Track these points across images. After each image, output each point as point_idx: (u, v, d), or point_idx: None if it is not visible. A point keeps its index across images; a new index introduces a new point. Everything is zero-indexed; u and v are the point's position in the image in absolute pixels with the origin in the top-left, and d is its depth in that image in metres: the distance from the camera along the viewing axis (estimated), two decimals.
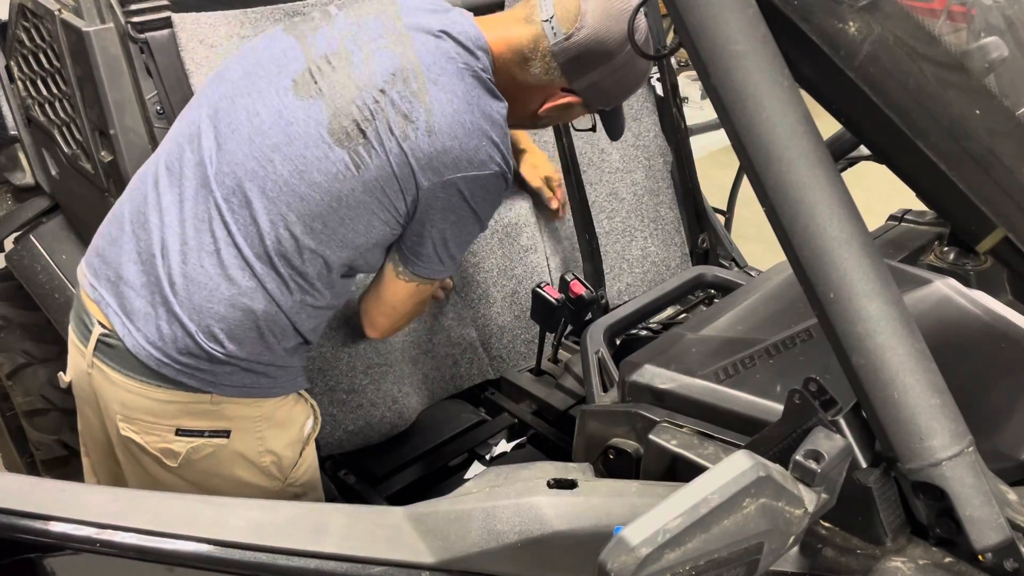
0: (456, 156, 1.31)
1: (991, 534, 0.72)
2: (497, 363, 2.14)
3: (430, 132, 1.29)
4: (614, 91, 1.46)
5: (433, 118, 1.30)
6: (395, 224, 1.36)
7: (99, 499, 0.86)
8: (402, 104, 1.29)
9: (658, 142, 2.46)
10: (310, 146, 1.29)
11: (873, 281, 0.75)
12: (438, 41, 1.35)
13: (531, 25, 1.40)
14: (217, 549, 0.82)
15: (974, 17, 1.32)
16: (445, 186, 1.33)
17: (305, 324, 1.41)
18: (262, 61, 1.38)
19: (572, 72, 1.40)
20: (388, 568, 0.83)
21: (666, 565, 0.62)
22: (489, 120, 1.35)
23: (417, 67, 1.32)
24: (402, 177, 1.31)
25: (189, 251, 1.31)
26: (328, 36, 1.37)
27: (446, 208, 1.36)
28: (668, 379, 1.01)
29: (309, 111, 1.30)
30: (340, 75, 1.31)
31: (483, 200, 1.39)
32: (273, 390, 1.44)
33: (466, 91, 1.33)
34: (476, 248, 2.07)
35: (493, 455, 1.88)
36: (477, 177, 1.34)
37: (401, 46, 1.33)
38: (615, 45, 1.38)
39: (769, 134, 0.76)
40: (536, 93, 1.45)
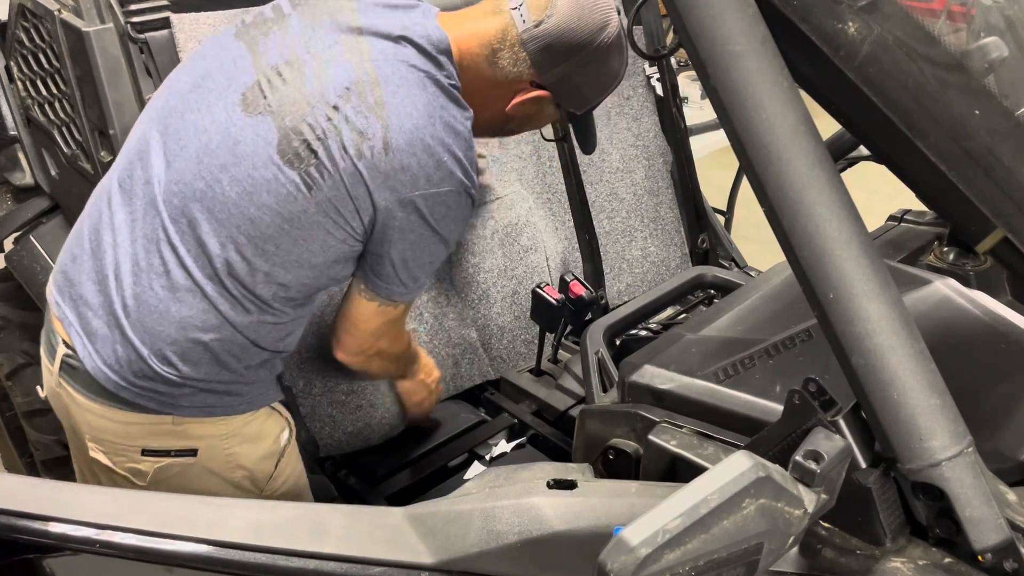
0: (414, 173, 1.25)
1: (991, 534, 0.72)
2: (497, 363, 2.14)
3: (387, 149, 1.23)
4: (586, 88, 1.40)
5: (390, 134, 1.23)
6: (353, 241, 1.30)
7: (99, 499, 0.86)
8: (357, 120, 1.22)
9: (658, 142, 2.46)
10: (259, 167, 1.23)
11: (873, 281, 0.75)
12: (397, 47, 1.28)
13: (499, 16, 1.34)
14: (216, 550, 0.82)
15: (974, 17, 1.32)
16: (403, 204, 1.26)
17: (268, 340, 1.36)
18: (212, 72, 1.31)
19: (542, 63, 1.33)
20: (388, 568, 0.83)
21: (666, 565, 0.62)
22: (452, 133, 1.27)
23: (374, 78, 1.24)
24: (357, 196, 1.24)
25: (140, 272, 1.27)
26: (280, 43, 1.30)
27: (405, 227, 1.30)
28: (668, 379, 1.01)
29: (257, 129, 1.23)
30: (291, 89, 1.24)
31: (444, 218, 1.31)
32: (239, 407, 1.40)
33: (427, 102, 1.26)
34: (476, 248, 2.07)
35: (493, 455, 1.88)
36: (437, 195, 1.27)
37: (356, 54, 1.26)
38: (586, 35, 1.32)
39: (769, 134, 0.76)
40: (505, 89, 1.37)
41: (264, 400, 1.44)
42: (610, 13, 1.34)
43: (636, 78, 2.43)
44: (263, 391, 1.43)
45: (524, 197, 2.20)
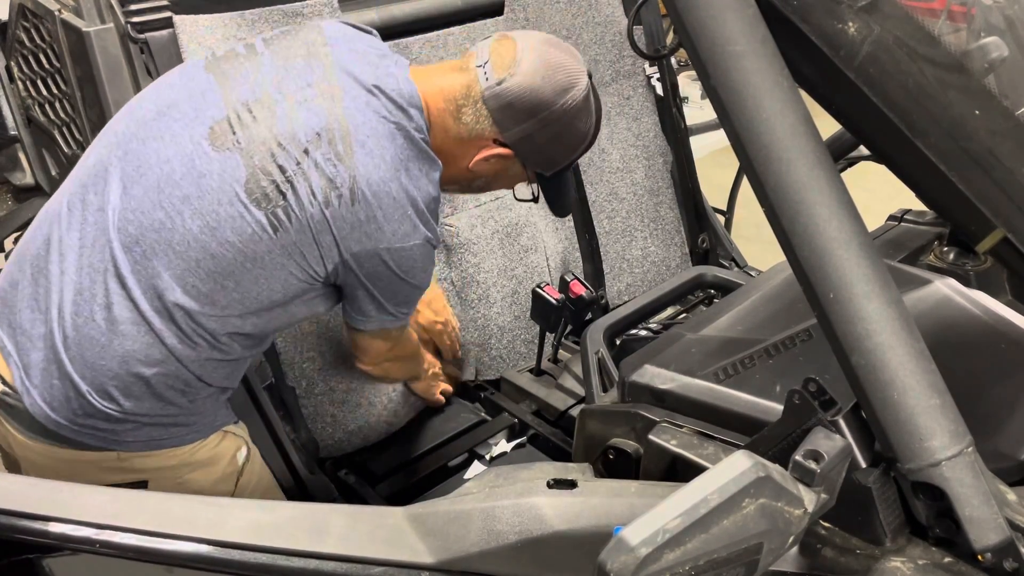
0: (379, 226, 1.25)
1: (990, 534, 0.72)
2: (497, 363, 2.14)
3: (354, 199, 1.23)
4: (550, 149, 1.38)
5: (358, 184, 1.22)
6: (316, 283, 1.30)
7: (98, 499, 0.86)
8: (326, 167, 1.22)
9: (658, 142, 2.46)
10: (224, 203, 1.20)
11: (873, 281, 0.75)
12: (370, 97, 1.27)
13: (465, 72, 1.34)
14: (216, 550, 0.82)
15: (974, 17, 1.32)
16: (368, 256, 1.27)
17: (215, 376, 1.33)
18: (178, 101, 1.27)
19: (503, 121, 1.33)
20: (388, 568, 0.83)
21: (666, 565, 0.62)
22: (417, 187, 1.28)
23: (345, 127, 1.24)
24: (323, 244, 1.24)
25: (83, 303, 1.22)
26: (251, 79, 1.28)
27: (371, 276, 1.31)
28: (668, 379, 1.01)
29: (225, 165, 1.21)
30: (261, 128, 1.23)
31: (412, 269, 1.34)
32: (188, 437, 1.36)
33: (395, 155, 1.26)
34: (476, 248, 2.08)
35: (493, 455, 1.88)
36: (401, 249, 1.29)
37: (330, 100, 1.25)
38: (549, 96, 1.31)
39: (769, 134, 0.76)
40: (468, 145, 1.37)
41: (214, 427, 1.41)
42: (577, 76, 1.33)
43: (636, 78, 2.43)
44: (212, 419, 1.40)
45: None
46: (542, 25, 2.24)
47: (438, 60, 2.06)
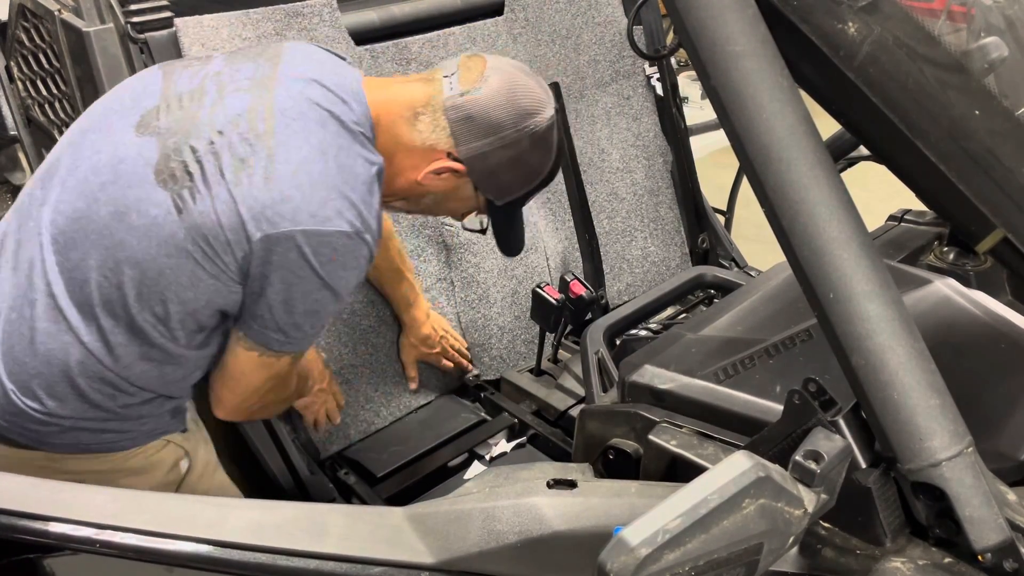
0: (296, 206, 1.15)
1: (991, 534, 0.72)
2: (497, 363, 2.14)
3: (267, 178, 1.14)
4: (504, 175, 1.33)
5: (275, 164, 1.15)
6: (228, 280, 1.19)
7: (98, 499, 0.86)
8: (240, 147, 1.15)
9: (658, 142, 2.46)
10: (133, 186, 1.15)
11: (872, 282, 0.75)
12: (305, 86, 1.22)
13: (431, 83, 1.30)
14: (216, 550, 0.82)
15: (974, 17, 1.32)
16: (281, 240, 1.15)
17: (147, 381, 1.26)
18: (123, 96, 1.27)
19: (460, 133, 1.27)
20: (388, 568, 0.83)
21: (666, 565, 0.62)
22: (347, 172, 1.19)
23: (270, 109, 1.18)
24: (229, 227, 1.14)
25: (17, 298, 1.20)
26: (194, 75, 1.25)
27: (283, 266, 1.17)
28: (668, 379, 1.01)
29: (141, 149, 1.17)
30: (185, 113, 1.19)
31: (329, 263, 1.19)
32: (121, 443, 1.32)
33: (323, 139, 1.19)
34: (476, 248, 2.08)
35: (493, 455, 1.88)
36: (320, 233, 1.16)
37: (261, 89, 1.21)
38: (512, 117, 1.27)
39: (768, 134, 0.76)
40: (421, 156, 1.30)
41: (153, 436, 1.36)
42: (543, 106, 1.31)
43: (636, 78, 2.43)
44: (152, 427, 1.34)
45: None
46: (542, 25, 2.24)
47: (438, 60, 2.06)
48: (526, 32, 2.22)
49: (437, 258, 2.09)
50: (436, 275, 2.08)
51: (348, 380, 1.96)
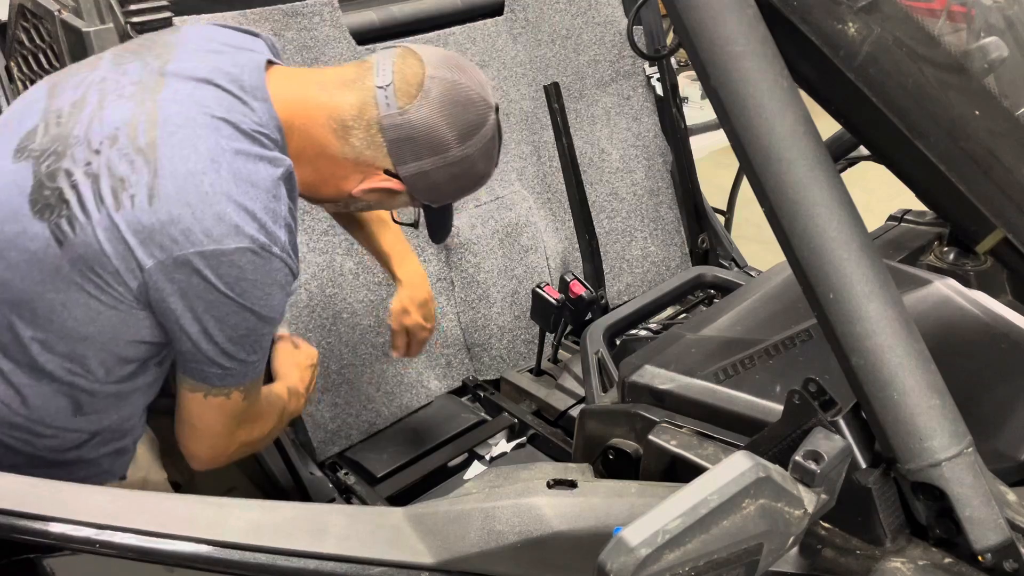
0: (186, 227, 1.02)
1: (991, 535, 0.72)
2: (497, 363, 2.14)
3: (152, 197, 1.02)
4: (446, 188, 1.24)
5: (159, 180, 1.02)
6: (129, 309, 1.08)
7: (99, 499, 0.86)
8: (120, 165, 1.03)
9: (658, 142, 2.46)
10: (9, 220, 1.05)
11: (872, 282, 0.75)
12: (195, 88, 1.10)
13: (359, 90, 1.17)
14: (216, 550, 0.82)
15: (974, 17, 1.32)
16: (176, 266, 1.03)
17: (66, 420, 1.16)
18: (8, 117, 1.16)
19: (400, 154, 1.18)
20: (388, 568, 0.83)
21: (665, 566, 0.62)
22: (244, 181, 1.06)
23: (152, 118, 1.05)
24: (116, 255, 1.03)
25: None
26: (79, 84, 1.13)
27: (187, 294, 1.05)
28: (668, 379, 1.01)
29: (16, 176, 1.06)
30: (61, 131, 1.07)
31: (239, 283, 1.06)
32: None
33: (214, 146, 1.05)
34: (476, 248, 2.08)
35: (493, 455, 1.88)
36: (219, 253, 1.03)
37: (145, 94, 1.09)
38: (456, 135, 1.18)
39: (768, 134, 0.76)
40: (352, 168, 1.20)
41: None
42: (487, 113, 1.21)
43: (636, 78, 2.43)
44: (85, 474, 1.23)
45: (524, 197, 2.20)
46: (542, 25, 2.24)
47: None
48: (526, 32, 2.22)
49: (437, 258, 2.09)
50: (436, 275, 2.08)
51: (348, 380, 1.96)
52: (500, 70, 2.17)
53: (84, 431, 1.19)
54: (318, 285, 1.92)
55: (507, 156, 2.20)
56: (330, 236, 1.94)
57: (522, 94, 2.22)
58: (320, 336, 1.92)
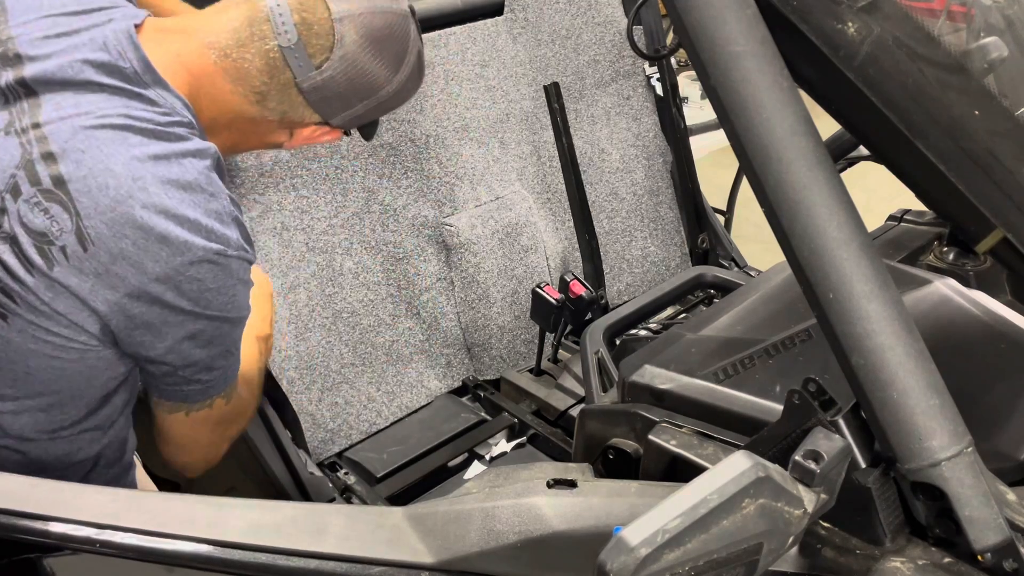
0: (134, 260, 0.94)
1: (990, 534, 0.72)
2: (497, 363, 2.14)
3: (84, 242, 0.92)
4: (379, 115, 1.18)
5: (85, 222, 0.92)
6: (98, 354, 1.01)
7: (99, 499, 0.86)
8: (34, 218, 0.92)
9: (658, 142, 2.46)
10: None
11: (872, 282, 0.75)
12: (78, 98, 0.95)
13: (262, 53, 1.03)
14: (216, 549, 0.82)
15: (974, 17, 1.32)
16: (134, 299, 0.96)
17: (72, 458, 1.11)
18: None
19: (328, 109, 1.09)
20: (388, 568, 0.83)
21: (665, 565, 0.62)
22: (176, 191, 0.96)
23: (47, 150, 0.92)
24: (67, 310, 0.96)
25: None
26: None
27: (151, 324, 0.98)
28: (668, 379, 1.01)
29: None
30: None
31: (203, 295, 0.99)
32: None
33: (130, 159, 0.94)
34: (476, 248, 2.08)
35: (493, 455, 1.88)
36: (174, 273, 0.96)
37: (24, 118, 0.95)
38: (383, 75, 1.08)
39: (768, 135, 0.76)
40: (277, 127, 1.12)
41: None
42: (406, 30, 1.10)
43: (636, 78, 2.43)
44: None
45: (524, 197, 2.20)
46: (542, 25, 2.24)
47: (440, 61, 2.06)
48: (526, 32, 2.22)
49: (437, 258, 2.09)
50: (436, 275, 2.08)
51: (348, 380, 1.96)
52: (500, 70, 2.17)
53: (87, 460, 1.14)
54: (318, 285, 1.92)
55: (507, 156, 2.20)
56: (330, 236, 1.94)
57: (522, 94, 2.22)
58: (320, 336, 1.92)
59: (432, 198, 2.07)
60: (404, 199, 2.04)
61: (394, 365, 2.03)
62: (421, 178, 2.06)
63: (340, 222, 1.95)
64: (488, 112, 2.15)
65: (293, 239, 1.88)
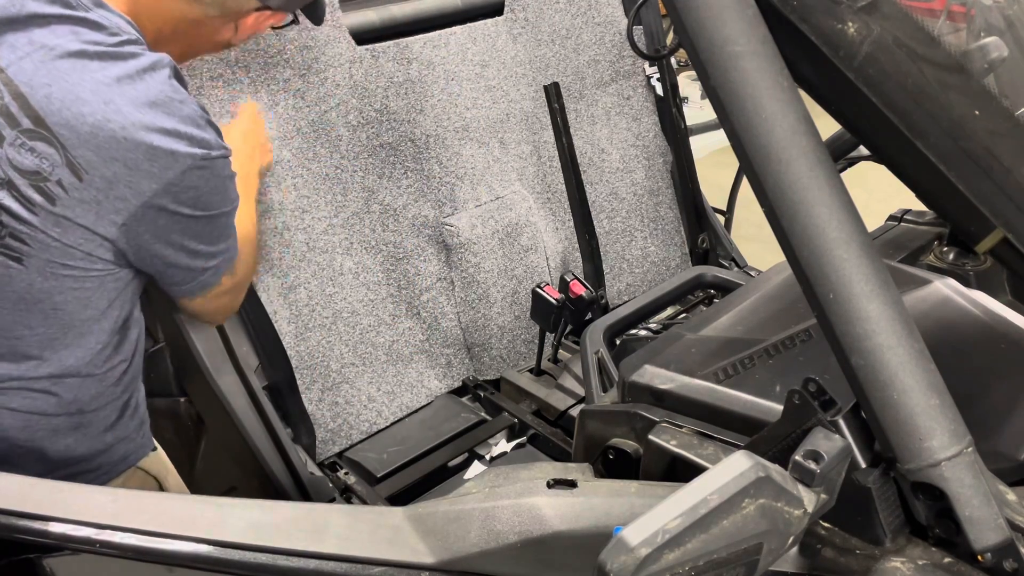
0: (128, 180, 0.99)
1: (990, 534, 0.72)
2: (497, 363, 2.14)
3: (78, 171, 0.97)
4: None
5: (72, 152, 0.97)
6: (115, 275, 1.08)
7: (99, 499, 0.86)
8: (23, 158, 0.97)
9: (658, 142, 2.46)
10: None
11: (872, 282, 0.75)
12: (30, 35, 0.99)
13: None
14: (216, 550, 0.82)
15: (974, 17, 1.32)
16: (139, 217, 1.03)
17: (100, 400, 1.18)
18: None
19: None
20: (388, 568, 0.83)
21: (665, 565, 0.62)
22: (147, 105, 1.00)
23: (16, 91, 0.97)
24: (79, 241, 1.01)
25: None
26: None
27: (160, 235, 1.06)
28: (668, 379, 1.01)
29: None
30: None
31: (201, 198, 1.07)
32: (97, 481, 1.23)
33: (96, 84, 0.98)
34: (476, 248, 2.08)
35: (493, 455, 1.88)
36: (169, 185, 1.02)
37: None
38: None
39: (768, 134, 0.76)
40: (221, 23, 1.15)
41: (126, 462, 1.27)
42: None
43: (636, 78, 2.43)
44: (124, 451, 1.25)
45: (524, 197, 2.20)
46: (542, 25, 2.24)
47: (439, 60, 2.06)
48: (526, 32, 2.22)
49: (437, 258, 2.09)
50: (436, 275, 2.08)
51: (348, 380, 1.96)
52: (500, 70, 2.17)
53: (116, 406, 1.21)
54: (318, 285, 1.92)
55: (507, 156, 2.20)
56: (330, 236, 1.94)
57: (522, 94, 2.22)
58: (320, 336, 1.92)
59: (432, 198, 2.07)
60: (404, 199, 2.04)
61: (394, 365, 2.03)
62: (421, 178, 2.06)
63: (340, 222, 1.94)
64: (488, 112, 2.15)
65: (293, 239, 1.88)
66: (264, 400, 1.72)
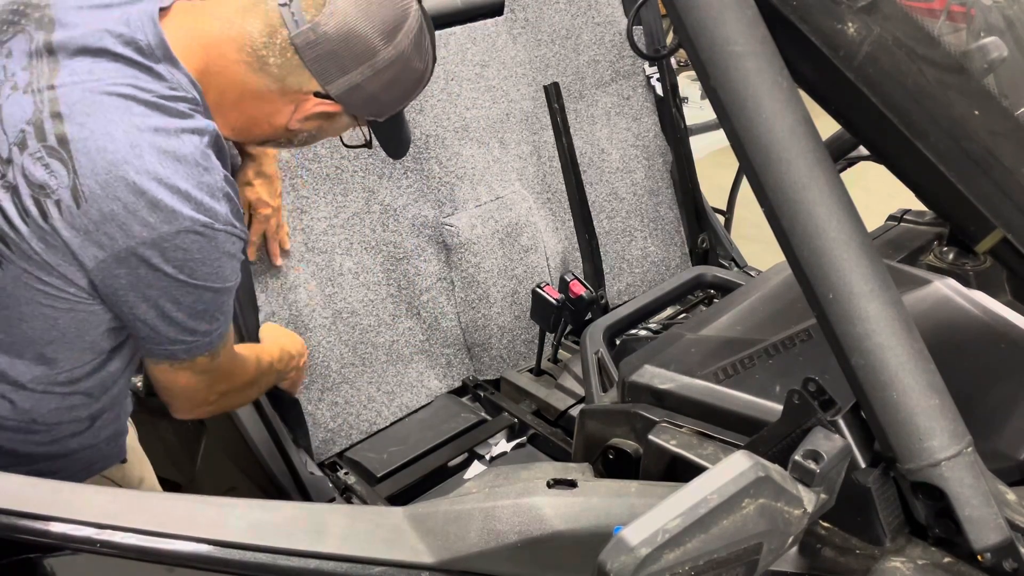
0: (122, 221, 0.99)
1: (990, 534, 0.72)
2: (497, 363, 2.14)
3: (78, 199, 0.98)
4: (385, 97, 1.17)
5: (81, 179, 0.98)
6: (87, 307, 1.08)
7: (99, 499, 0.86)
8: (36, 171, 0.98)
9: (658, 142, 2.46)
10: None
11: (872, 282, 0.75)
12: (94, 63, 1.02)
13: (263, 13, 1.08)
14: (217, 549, 0.82)
15: (974, 17, 1.32)
16: (120, 260, 1.02)
17: (59, 415, 1.17)
18: None
19: (324, 72, 1.10)
20: (388, 568, 0.83)
21: (665, 565, 0.62)
22: (168, 161, 1.01)
23: (56, 110, 0.99)
24: (58, 262, 1.02)
25: None
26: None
27: (136, 285, 1.05)
28: (668, 379, 1.01)
29: None
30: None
31: (188, 264, 1.05)
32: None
33: (129, 129, 1.00)
34: (476, 248, 2.08)
35: (493, 455, 1.88)
36: (160, 239, 1.01)
37: (41, 79, 1.01)
38: (379, 36, 1.09)
39: (768, 135, 0.76)
40: (280, 101, 1.14)
41: (89, 471, 1.27)
42: (405, 6, 1.11)
43: (636, 78, 2.43)
44: (89, 459, 1.25)
45: (524, 197, 2.20)
46: (542, 25, 2.24)
47: (439, 60, 2.06)
48: (526, 32, 2.22)
49: (437, 258, 2.09)
50: (436, 275, 2.08)
51: (348, 380, 1.96)
52: (500, 70, 2.17)
53: (81, 420, 1.20)
54: (318, 285, 1.92)
55: (507, 156, 2.20)
56: (330, 236, 1.94)
57: (522, 94, 2.22)
58: (320, 336, 1.92)
59: (432, 198, 2.07)
60: (404, 199, 2.04)
61: (394, 365, 2.03)
62: (421, 178, 2.06)
63: (340, 222, 1.95)
64: (488, 112, 2.15)
65: (293, 239, 1.88)
66: (264, 400, 1.72)
